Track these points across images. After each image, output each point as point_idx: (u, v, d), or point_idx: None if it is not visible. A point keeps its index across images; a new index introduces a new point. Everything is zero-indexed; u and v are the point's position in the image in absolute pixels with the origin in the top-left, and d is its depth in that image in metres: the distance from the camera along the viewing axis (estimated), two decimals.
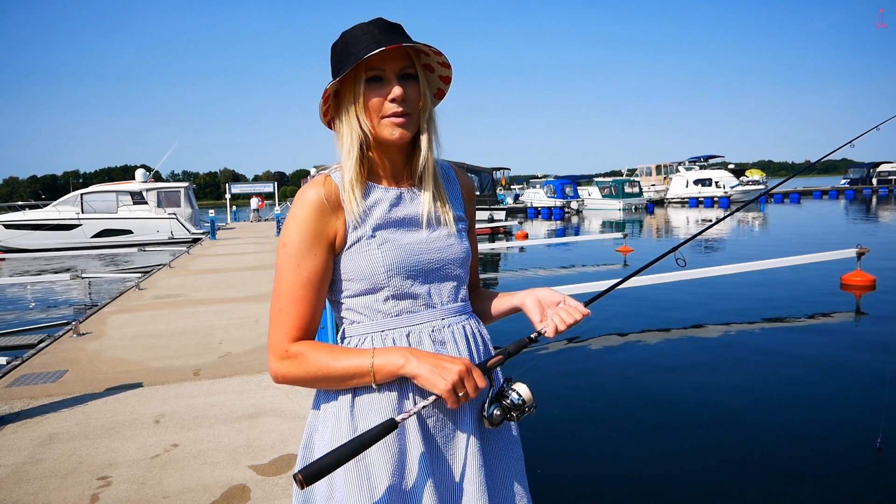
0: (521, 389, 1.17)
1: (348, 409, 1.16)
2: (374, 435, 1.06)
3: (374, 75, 1.15)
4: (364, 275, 1.18)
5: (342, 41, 1.18)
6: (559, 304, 1.25)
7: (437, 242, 1.23)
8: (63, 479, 2.99)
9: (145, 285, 9.84)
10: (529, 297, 1.28)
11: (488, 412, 1.16)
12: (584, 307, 1.24)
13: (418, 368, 1.09)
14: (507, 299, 1.35)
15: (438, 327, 1.22)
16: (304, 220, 1.15)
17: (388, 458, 1.13)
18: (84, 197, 23.76)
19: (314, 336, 1.19)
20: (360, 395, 1.17)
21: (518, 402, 1.16)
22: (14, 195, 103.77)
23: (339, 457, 1.03)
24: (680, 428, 4.58)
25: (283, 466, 3.04)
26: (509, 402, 1.16)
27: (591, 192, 39.92)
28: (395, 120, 1.15)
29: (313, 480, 1.01)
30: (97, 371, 4.90)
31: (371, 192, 1.21)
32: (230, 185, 37.65)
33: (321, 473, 1.02)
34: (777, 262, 8.62)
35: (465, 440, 1.19)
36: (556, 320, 1.21)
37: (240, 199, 41.76)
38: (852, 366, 5.84)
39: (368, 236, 1.18)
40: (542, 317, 1.24)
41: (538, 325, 1.23)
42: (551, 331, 1.20)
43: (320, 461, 1.02)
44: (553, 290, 1.28)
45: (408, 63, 1.16)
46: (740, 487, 3.69)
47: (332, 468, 1.03)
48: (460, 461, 1.18)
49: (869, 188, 46.21)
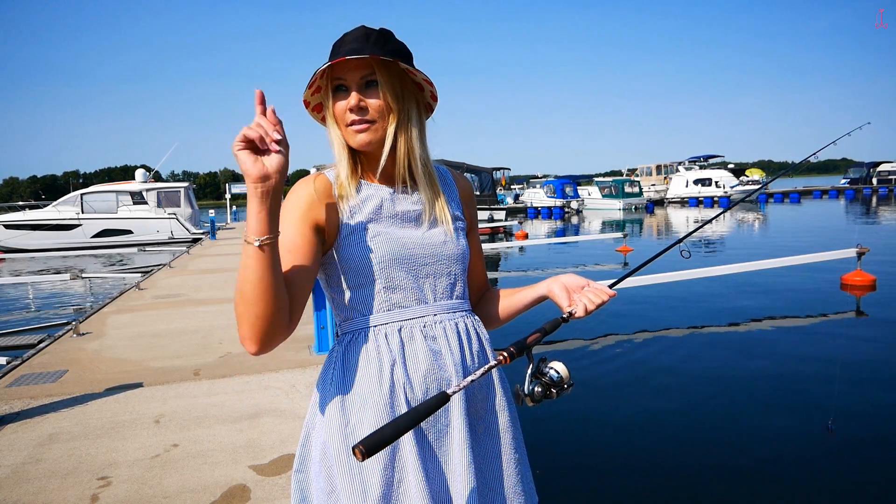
0: (559, 367, 1.19)
1: (339, 407, 1.18)
2: (429, 407, 1.06)
3: (339, 84, 1.19)
4: (357, 267, 1.19)
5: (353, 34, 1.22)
6: (584, 288, 1.27)
7: (430, 239, 1.25)
8: (63, 479, 2.99)
9: (145, 285, 9.84)
10: (555, 284, 1.29)
11: (529, 390, 1.17)
12: (609, 289, 1.26)
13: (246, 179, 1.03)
14: (528, 292, 1.36)
15: (430, 323, 1.23)
16: (290, 199, 1.21)
17: (381, 454, 1.13)
18: (84, 197, 23.76)
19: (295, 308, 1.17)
20: (352, 390, 1.18)
21: (556, 379, 1.18)
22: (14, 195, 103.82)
23: (398, 427, 1.03)
24: (679, 428, 4.58)
25: (283, 466, 3.04)
26: (548, 378, 1.18)
27: (591, 191, 39.92)
28: (356, 127, 1.19)
29: (374, 452, 0.99)
30: (97, 371, 4.90)
31: (364, 189, 1.24)
32: (230, 185, 37.59)
33: (383, 444, 1.01)
34: (777, 262, 8.61)
35: (457, 436, 1.19)
36: (585, 301, 1.23)
37: (240, 199, 41.74)
38: (853, 366, 5.84)
39: (361, 229, 1.20)
40: (570, 301, 1.26)
41: (567, 308, 1.25)
42: (581, 311, 1.23)
43: (381, 431, 1.01)
44: (576, 275, 1.30)
45: (369, 71, 1.18)
46: (740, 487, 3.69)
47: (393, 438, 1.01)
48: (451, 456, 1.19)
49: (869, 188, 46.19)
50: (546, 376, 1.18)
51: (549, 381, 1.18)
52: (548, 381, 1.18)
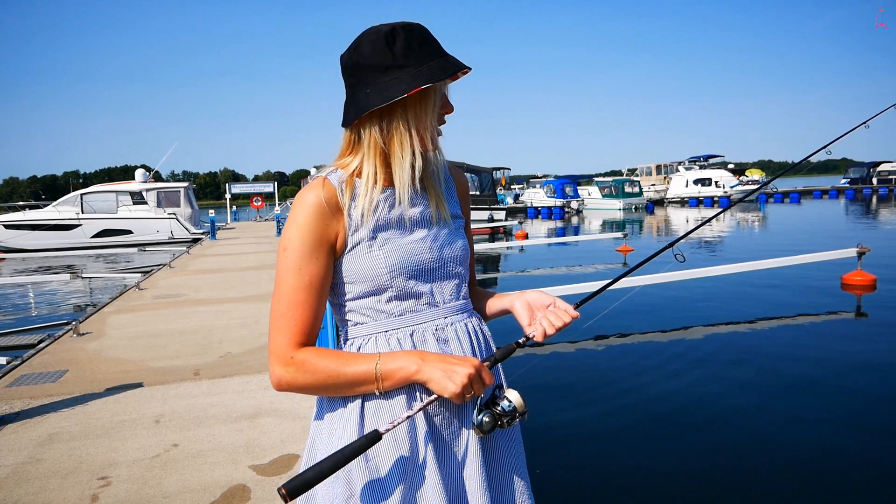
0: (513, 396, 1.16)
1: (358, 415, 1.15)
2: (356, 448, 1.06)
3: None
4: (367, 276, 1.17)
5: (406, 36, 1.14)
6: (549, 307, 1.25)
7: (437, 241, 1.24)
8: (63, 479, 2.99)
9: (145, 285, 9.84)
10: (519, 300, 1.29)
11: (478, 420, 1.14)
12: (573, 309, 1.24)
13: (430, 373, 1.09)
14: (499, 301, 1.36)
15: (441, 326, 1.22)
16: (305, 223, 1.14)
17: (398, 456, 1.13)
18: (84, 197, 23.77)
19: (316, 341, 1.19)
20: (370, 399, 1.16)
21: (509, 410, 1.15)
22: (14, 195, 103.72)
23: (321, 471, 1.03)
24: (679, 428, 4.58)
25: (283, 466, 3.04)
26: (500, 409, 1.15)
27: (591, 191, 39.93)
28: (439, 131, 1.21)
29: (297, 494, 1.01)
30: (97, 371, 4.90)
31: (373, 193, 1.21)
32: (230, 185, 37.62)
33: (305, 487, 1.02)
34: (777, 262, 8.61)
35: (470, 438, 1.19)
36: (545, 324, 1.21)
37: (240, 199, 41.75)
38: (853, 366, 5.84)
39: (369, 238, 1.18)
40: (531, 320, 1.25)
41: (527, 330, 1.24)
42: (539, 335, 1.21)
43: (303, 475, 1.03)
44: (543, 292, 1.28)
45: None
46: (740, 487, 3.68)
47: (315, 482, 1.03)
48: (465, 459, 1.19)
49: (869, 188, 46.21)
50: (498, 406, 1.15)
51: (501, 412, 1.15)
52: (499, 411, 1.15)
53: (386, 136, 1.16)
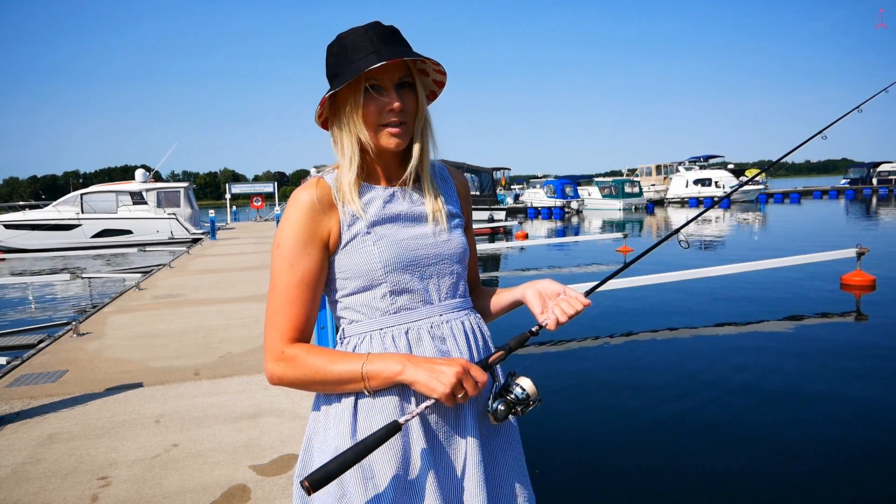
0: (525, 384, 1.16)
1: (351, 412, 1.17)
2: (377, 438, 1.06)
3: (373, 84, 1.16)
4: (361, 272, 1.18)
5: (339, 45, 1.18)
6: (560, 296, 1.25)
7: (432, 238, 1.24)
8: (63, 479, 2.99)
9: (145, 285, 9.84)
10: (530, 289, 1.29)
11: (492, 408, 1.15)
12: (584, 297, 1.24)
13: (415, 374, 1.09)
14: (507, 294, 1.36)
15: (437, 323, 1.22)
16: (297, 220, 1.17)
17: (392, 456, 1.13)
18: (84, 197, 23.78)
19: (310, 337, 1.20)
20: (363, 397, 1.17)
21: (522, 397, 1.15)
22: (14, 195, 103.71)
23: (344, 462, 1.03)
24: (678, 428, 4.58)
25: (283, 466, 3.04)
26: (513, 396, 1.16)
27: (591, 192, 39.91)
28: (392, 130, 1.18)
29: (320, 486, 1.02)
30: (97, 371, 4.90)
31: (366, 191, 1.23)
32: (230, 185, 37.61)
33: (327, 479, 1.02)
34: (777, 262, 8.62)
35: (466, 437, 1.19)
36: (558, 312, 1.20)
37: (240, 199, 41.74)
38: (853, 366, 5.84)
39: (364, 233, 1.19)
40: (543, 308, 1.25)
41: (539, 318, 1.24)
42: (552, 323, 1.20)
43: (326, 467, 1.03)
44: (553, 281, 1.28)
45: (405, 73, 1.19)
46: (740, 487, 3.69)
47: (337, 473, 1.03)
48: (461, 457, 1.19)
49: (869, 188, 46.19)
50: (511, 394, 1.16)
51: (514, 399, 1.15)
52: (512, 399, 1.16)
53: (339, 136, 1.21)
